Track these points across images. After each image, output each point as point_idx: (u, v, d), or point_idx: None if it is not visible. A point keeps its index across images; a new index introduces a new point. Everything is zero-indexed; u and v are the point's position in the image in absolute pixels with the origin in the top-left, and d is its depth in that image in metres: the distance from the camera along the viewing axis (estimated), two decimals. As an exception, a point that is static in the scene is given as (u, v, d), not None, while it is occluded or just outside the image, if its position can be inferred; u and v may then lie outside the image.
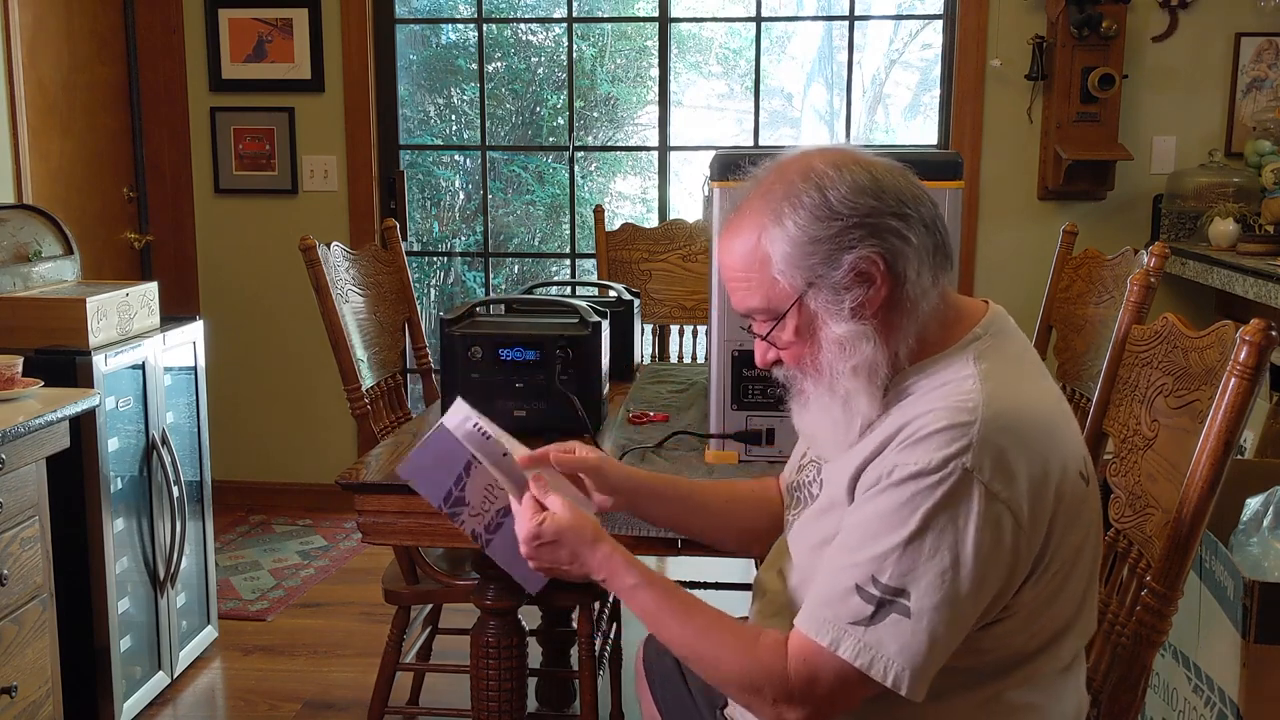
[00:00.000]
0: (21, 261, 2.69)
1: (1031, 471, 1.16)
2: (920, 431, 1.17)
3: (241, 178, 4.14)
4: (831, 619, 1.17)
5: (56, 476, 2.20)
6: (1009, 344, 1.28)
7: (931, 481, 1.14)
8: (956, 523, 1.13)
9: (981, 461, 1.14)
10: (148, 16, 4.04)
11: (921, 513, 1.14)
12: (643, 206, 5.93)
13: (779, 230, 1.23)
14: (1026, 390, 1.23)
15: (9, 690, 1.98)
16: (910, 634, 1.14)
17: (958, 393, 1.19)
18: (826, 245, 1.21)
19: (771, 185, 1.26)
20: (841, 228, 1.21)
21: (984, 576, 1.14)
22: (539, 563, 1.35)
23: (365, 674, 2.81)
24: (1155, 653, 1.40)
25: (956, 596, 1.14)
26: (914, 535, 1.14)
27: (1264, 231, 3.36)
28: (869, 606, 1.15)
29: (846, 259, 1.21)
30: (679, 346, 3.24)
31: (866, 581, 1.15)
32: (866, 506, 1.18)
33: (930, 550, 1.13)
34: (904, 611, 1.14)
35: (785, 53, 5.95)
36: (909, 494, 1.14)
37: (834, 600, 1.18)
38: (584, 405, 2.00)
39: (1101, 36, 3.61)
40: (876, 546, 1.15)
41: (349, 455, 3.99)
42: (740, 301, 1.30)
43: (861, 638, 1.15)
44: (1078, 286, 2.64)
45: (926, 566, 1.13)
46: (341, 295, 2.36)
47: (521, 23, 5.85)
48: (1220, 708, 1.88)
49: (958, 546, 1.13)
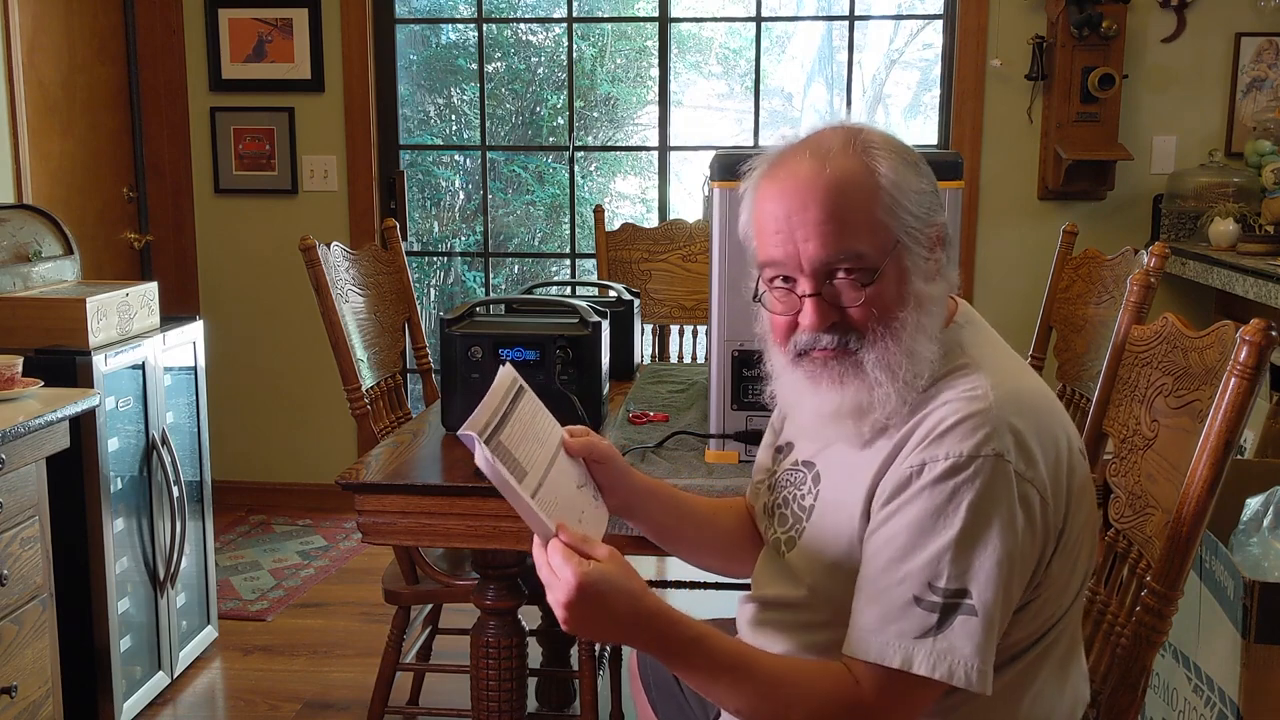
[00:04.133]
0: (21, 261, 2.69)
1: (1046, 449, 1.17)
2: (941, 425, 1.16)
3: (241, 178, 4.14)
4: (896, 638, 1.14)
5: (56, 476, 2.20)
6: (985, 333, 1.30)
7: (968, 474, 1.13)
8: (1000, 510, 1.13)
9: (1006, 445, 1.14)
10: (148, 16, 4.04)
11: (965, 507, 1.12)
12: (643, 206, 5.93)
13: (889, 168, 1.18)
14: (1018, 373, 1.25)
15: (9, 690, 1.98)
16: (982, 630, 1.12)
17: (964, 381, 1.19)
18: (926, 200, 1.21)
19: (850, 133, 1.21)
20: (930, 189, 1.22)
21: (1025, 557, 1.15)
22: (572, 626, 1.14)
23: (365, 674, 2.81)
24: (1155, 653, 1.40)
25: (1011, 582, 1.14)
26: (963, 532, 1.12)
27: (1264, 231, 3.36)
28: (933, 615, 1.12)
29: (936, 220, 1.23)
30: (679, 346, 3.24)
31: (924, 590, 1.13)
32: (903, 513, 1.15)
33: (982, 543, 1.12)
34: (970, 610, 1.12)
35: (785, 53, 5.95)
36: (949, 491, 1.13)
37: (892, 618, 1.14)
38: (584, 405, 2.00)
39: (1101, 36, 3.61)
40: (926, 552, 1.13)
41: (349, 455, 3.99)
42: (831, 243, 1.18)
43: (933, 648, 1.12)
44: (1078, 286, 2.63)
45: (981, 560, 1.12)
46: (341, 295, 2.36)
47: (521, 23, 5.85)
48: (1220, 708, 1.88)
49: (1005, 533, 1.13)
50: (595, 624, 1.15)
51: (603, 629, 1.17)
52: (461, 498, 1.77)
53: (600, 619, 1.14)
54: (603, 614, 1.13)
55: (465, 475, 1.81)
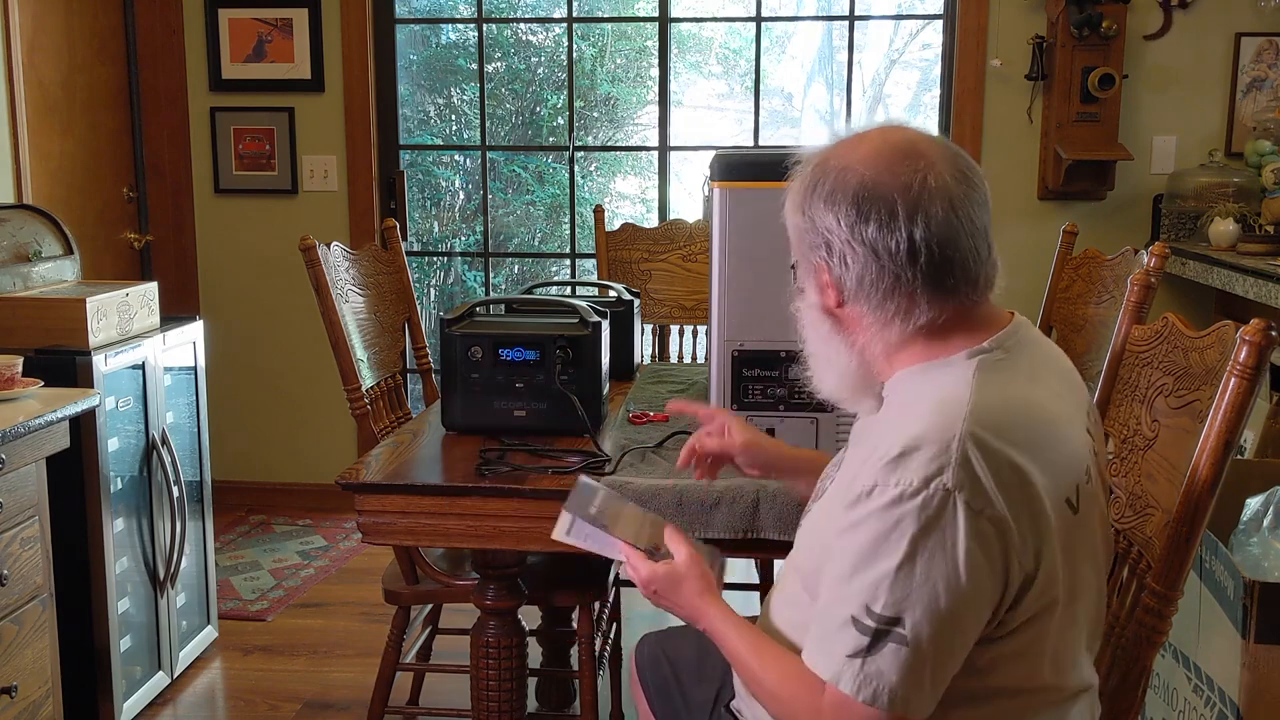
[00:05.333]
0: (21, 261, 2.69)
1: (1017, 487, 1.14)
2: (900, 449, 1.14)
3: (241, 178, 4.14)
4: (830, 653, 1.17)
5: (56, 476, 2.20)
6: (1021, 358, 1.26)
7: (914, 505, 1.12)
8: (944, 545, 1.12)
9: (961, 479, 1.12)
10: (148, 16, 4.04)
11: (908, 539, 1.12)
12: (643, 206, 5.93)
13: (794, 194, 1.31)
14: (1019, 404, 1.20)
15: (9, 690, 1.98)
16: (911, 659, 1.12)
17: (944, 407, 1.17)
18: (800, 232, 1.30)
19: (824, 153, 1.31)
20: (819, 228, 1.27)
21: (978, 593, 1.13)
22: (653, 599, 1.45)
23: (365, 674, 2.81)
24: (1155, 653, 1.40)
25: (952, 617, 1.13)
26: (903, 562, 1.12)
27: (1264, 231, 3.36)
28: (864, 638, 1.14)
29: (811, 257, 1.29)
30: (679, 346, 3.24)
31: (860, 612, 1.14)
32: (852, 533, 1.16)
33: (921, 576, 1.12)
34: (900, 640, 1.12)
35: (785, 53, 5.95)
36: (894, 520, 1.13)
37: (830, 634, 1.17)
38: (584, 405, 2.00)
39: (1101, 36, 3.61)
40: (866, 576, 1.14)
41: (349, 455, 3.99)
42: None
43: (861, 669, 1.14)
44: (1078, 286, 2.64)
45: (919, 592, 1.12)
46: (341, 295, 2.36)
47: (521, 23, 5.85)
48: (1220, 708, 1.88)
49: (947, 568, 1.11)
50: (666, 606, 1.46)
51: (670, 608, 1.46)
52: (461, 498, 1.77)
53: (665, 604, 1.45)
54: (666, 602, 1.44)
55: (465, 475, 1.81)
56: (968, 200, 1.24)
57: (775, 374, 1.85)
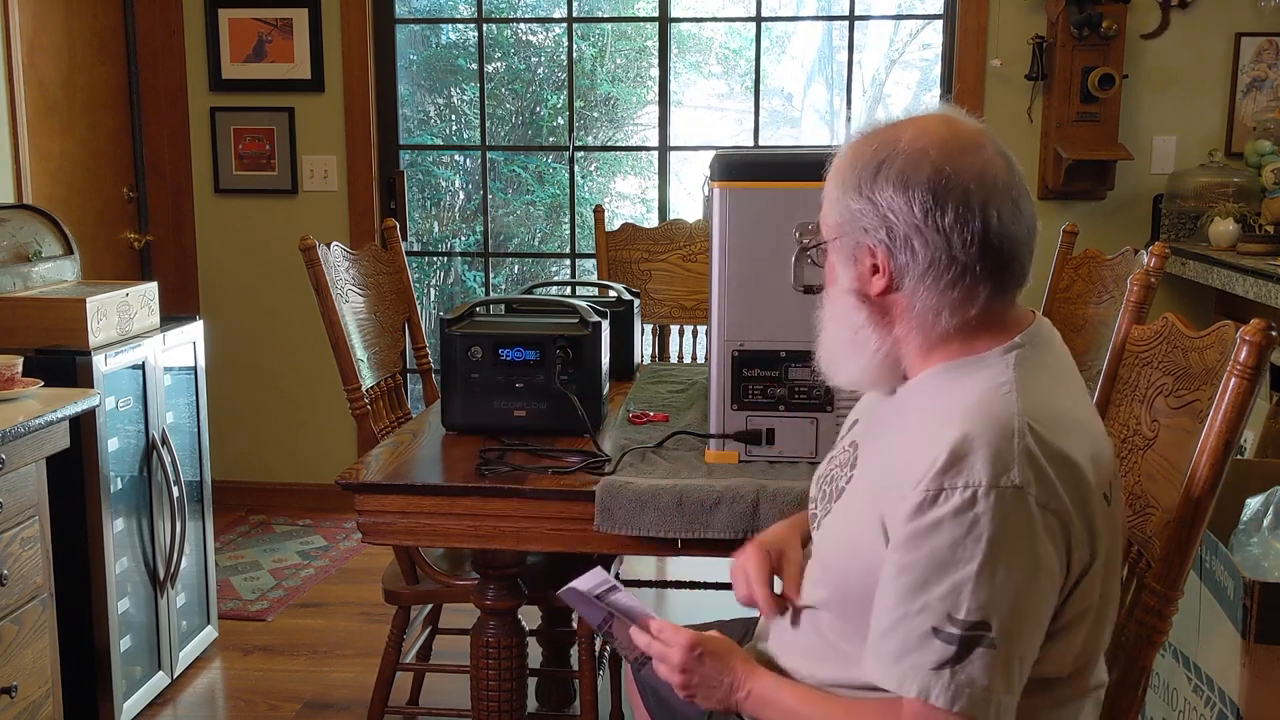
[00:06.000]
0: (21, 261, 2.69)
1: (1073, 480, 1.15)
2: (952, 451, 1.13)
3: (241, 178, 4.14)
4: (913, 669, 1.14)
5: (56, 476, 2.20)
6: (1048, 356, 1.27)
7: (988, 505, 1.11)
8: (1020, 543, 1.11)
9: (1027, 476, 1.12)
10: (148, 16, 4.04)
11: (985, 540, 1.11)
12: (643, 206, 5.93)
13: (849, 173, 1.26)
14: (1060, 401, 1.22)
15: (9, 690, 1.98)
16: (1000, 663, 1.12)
17: (990, 404, 1.17)
18: (847, 213, 1.26)
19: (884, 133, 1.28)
20: (869, 209, 1.23)
21: (1052, 588, 1.14)
22: (689, 678, 1.34)
23: (365, 674, 2.81)
24: (1155, 653, 1.40)
25: (1034, 615, 1.13)
26: (983, 565, 1.11)
27: (1264, 231, 3.36)
28: (950, 647, 1.12)
29: (862, 240, 1.25)
30: (679, 346, 3.24)
31: (943, 622, 1.12)
32: (921, 542, 1.14)
33: (1003, 577, 1.11)
34: (990, 644, 1.11)
35: (785, 53, 5.95)
36: (968, 523, 1.11)
37: (911, 649, 1.14)
38: (584, 405, 2.00)
39: (1101, 36, 3.61)
40: (944, 584, 1.12)
41: (349, 455, 3.99)
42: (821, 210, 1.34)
43: (952, 680, 1.12)
44: (1078, 286, 2.64)
45: (1002, 594, 1.11)
46: (341, 295, 2.36)
47: (521, 23, 5.85)
48: (1220, 708, 1.88)
49: (1026, 567, 1.11)
50: (704, 680, 1.33)
51: (709, 684, 1.34)
52: (461, 498, 1.77)
53: (707, 674, 1.33)
54: (708, 669, 1.33)
55: (465, 475, 1.81)
56: (1025, 196, 1.26)
57: (775, 374, 1.84)
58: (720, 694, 1.33)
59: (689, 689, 1.34)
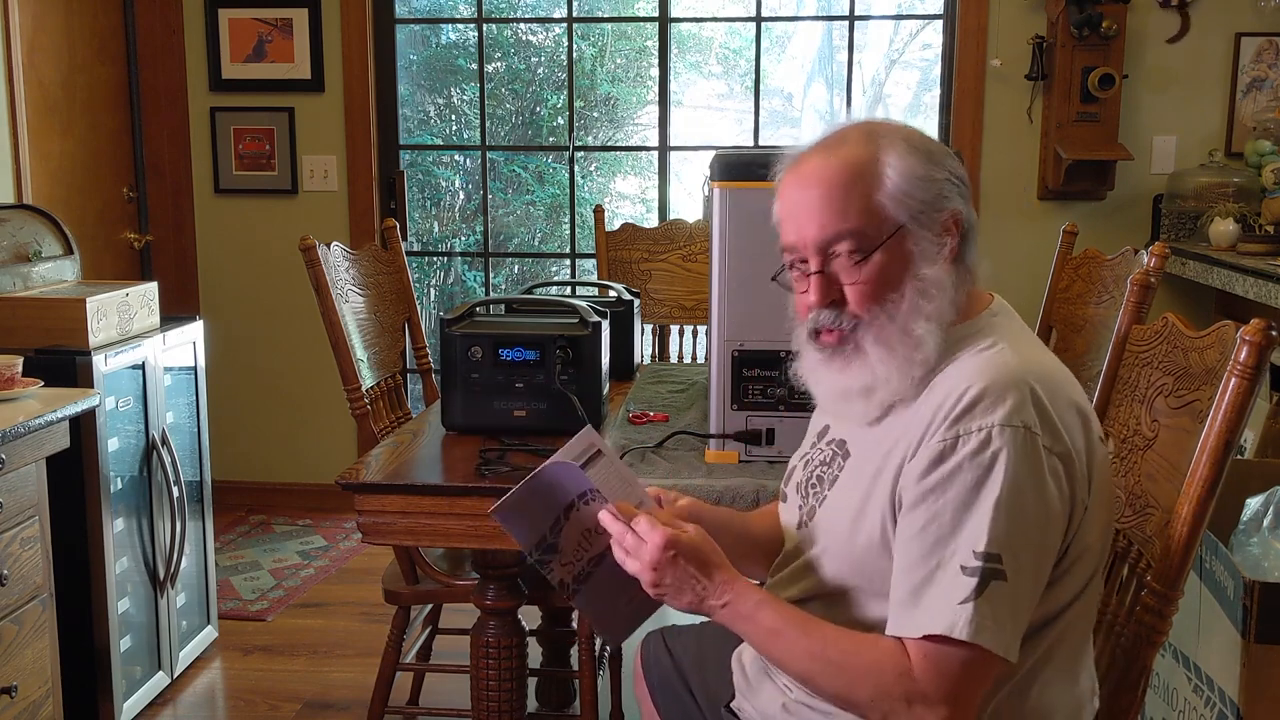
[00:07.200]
0: (21, 261, 2.69)
1: (1073, 425, 1.22)
2: (966, 401, 1.20)
3: (241, 178, 4.14)
4: (943, 605, 1.16)
5: (56, 476, 2.20)
6: (1015, 322, 1.36)
7: (1003, 443, 1.17)
8: (1032, 481, 1.17)
9: (1035, 418, 1.19)
10: (148, 16, 4.04)
11: (1003, 474, 1.16)
12: (643, 206, 5.92)
13: (895, 156, 1.27)
14: (1045, 356, 1.31)
15: (9, 690, 1.98)
16: (1010, 598, 1.16)
17: (994, 359, 1.24)
18: (934, 187, 1.28)
19: (869, 127, 1.31)
20: (945, 178, 1.28)
21: (1056, 529, 1.20)
22: (660, 576, 1.26)
23: (365, 674, 2.81)
24: (1155, 653, 1.40)
25: (1041, 551, 1.19)
26: (1000, 499, 1.16)
27: (1264, 231, 3.36)
28: (972, 580, 1.15)
29: (947, 207, 1.28)
30: (679, 346, 3.24)
31: (968, 557, 1.16)
32: (947, 490, 1.18)
33: (1017, 511, 1.16)
34: (1001, 576, 1.15)
35: (785, 53, 5.95)
36: (986, 462, 1.17)
37: (941, 589, 1.17)
38: (584, 405, 2.00)
39: (1101, 36, 3.61)
40: (970, 522, 1.17)
41: (349, 455, 3.99)
42: (827, 224, 1.26)
43: (974, 614, 1.15)
44: (1078, 286, 2.63)
45: (1016, 527, 1.16)
46: (341, 295, 2.36)
47: (521, 23, 5.85)
48: (1220, 708, 1.88)
49: (1035, 504, 1.17)
50: (678, 578, 1.26)
51: (680, 587, 1.27)
52: (461, 498, 1.77)
53: (685, 573, 1.26)
54: (690, 568, 1.26)
55: (465, 475, 1.82)
56: None
57: (775, 374, 1.84)
58: (690, 599, 1.27)
59: (659, 587, 1.27)
